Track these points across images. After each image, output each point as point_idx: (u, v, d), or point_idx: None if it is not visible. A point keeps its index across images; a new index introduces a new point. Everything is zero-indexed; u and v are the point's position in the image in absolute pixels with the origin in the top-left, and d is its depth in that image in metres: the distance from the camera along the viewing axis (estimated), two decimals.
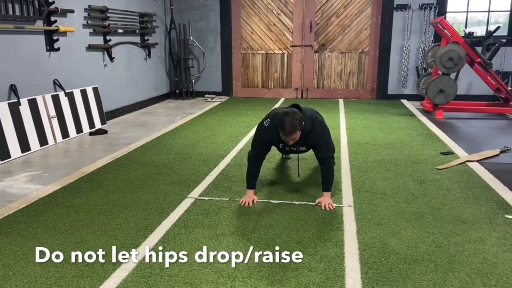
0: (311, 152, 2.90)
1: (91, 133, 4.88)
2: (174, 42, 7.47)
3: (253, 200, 2.82)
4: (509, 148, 4.00)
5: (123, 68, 6.09)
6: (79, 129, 4.83)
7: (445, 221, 2.51)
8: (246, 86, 7.84)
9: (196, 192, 3.01)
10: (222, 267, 2.03)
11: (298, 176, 3.31)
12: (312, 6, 7.28)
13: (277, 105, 6.76)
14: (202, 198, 2.91)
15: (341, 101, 7.17)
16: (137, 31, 6.41)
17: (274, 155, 3.89)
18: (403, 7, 6.89)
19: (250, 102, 7.16)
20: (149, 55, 6.77)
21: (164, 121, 5.63)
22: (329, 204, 2.72)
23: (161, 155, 3.96)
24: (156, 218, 2.59)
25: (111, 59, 5.68)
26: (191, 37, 7.42)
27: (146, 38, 6.64)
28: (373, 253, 2.15)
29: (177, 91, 7.55)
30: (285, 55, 7.57)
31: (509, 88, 5.69)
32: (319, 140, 2.74)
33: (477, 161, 3.66)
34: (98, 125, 5.15)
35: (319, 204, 2.74)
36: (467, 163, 3.61)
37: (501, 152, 3.91)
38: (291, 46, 7.51)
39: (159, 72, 7.28)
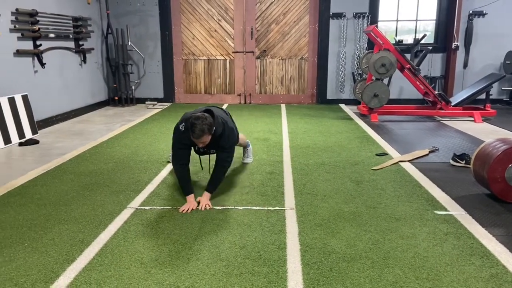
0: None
1: (20, 144, 4.56)
2: (111, 47, 7.21)
3: (196, 206, 2.81)
4: (437, 148, 4.29)
5: (56, 75, 5.77)
6: (7, 139, 4.50)
7: (380, 219, 2.64)
8: (188, 92, 7.75)
9: (136, 202, 2.91)
10: (163, 278, 1.97)
11: (209, 173, 3.37)
12: (253, 13, 7.38)
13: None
14: (143, 207, 2.82)
15: (283, 106, 7.31)
16: (71, 36, 6.12)
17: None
18: (339, 15, 7.19)
19: (193, 108, 7.03)
20: (84, 60, 6.48)
21: (102, 129, 5.40)
22: (206, 204, 2.81)
23: (98, 165, 3.79)
24: (93, 231, 2.47)
25: (42, 65, 5.36)
26: (129, 43, 7.21)
27: (80, 43, 6.35)
28: (314, 254, 2.20)
29: (116, 98, 7.29)
30: (227, 61, 7.59)
31: (436, 92, 6.12)
32: (225, 144, 2.91)
33: (408, 161, 3.89)
34: (28, 135, 4.82)
35: (198, 201, 2.83)
36: (400, 163, 3.83)
37: (429, 152, 4.19)
38: (233, 52, 7.54)
39: (96, 78, 6.99)
